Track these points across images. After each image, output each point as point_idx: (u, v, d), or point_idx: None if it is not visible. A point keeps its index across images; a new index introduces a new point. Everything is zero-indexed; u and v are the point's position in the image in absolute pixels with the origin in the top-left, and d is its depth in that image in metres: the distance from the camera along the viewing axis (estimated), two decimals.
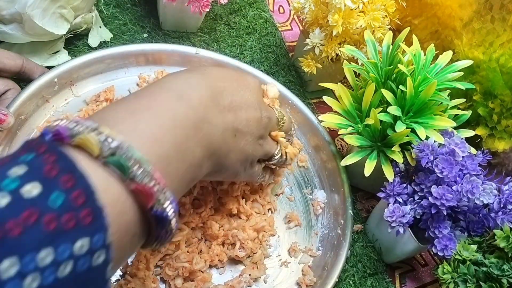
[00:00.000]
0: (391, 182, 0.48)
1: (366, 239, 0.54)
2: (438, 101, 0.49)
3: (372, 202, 0.58)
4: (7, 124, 0.44)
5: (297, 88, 0.64)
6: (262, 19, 0.69)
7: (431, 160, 0.45)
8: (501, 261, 0.40)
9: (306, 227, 0.54)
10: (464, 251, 0.42)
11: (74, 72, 0.53)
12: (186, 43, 0.62)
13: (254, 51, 0.65)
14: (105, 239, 0.24)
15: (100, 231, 0.23)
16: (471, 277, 0.41)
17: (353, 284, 0.51)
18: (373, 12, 0.54)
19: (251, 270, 0.47)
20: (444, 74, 0.50)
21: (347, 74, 0.53)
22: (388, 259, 0.53)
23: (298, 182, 0.57)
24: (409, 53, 0.50)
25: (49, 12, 0.50)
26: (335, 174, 0.56)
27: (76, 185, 0.23)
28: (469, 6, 0.53)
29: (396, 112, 0.47)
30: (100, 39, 0.59)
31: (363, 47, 0.56)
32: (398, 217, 0.46)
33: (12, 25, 0.49)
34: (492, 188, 0.43)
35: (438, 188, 0.44)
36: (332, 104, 0.52)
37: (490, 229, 0.45)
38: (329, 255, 0.51)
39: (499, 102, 0.53)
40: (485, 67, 0.52)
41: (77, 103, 0.54)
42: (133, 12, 0.63)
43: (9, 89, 0.48)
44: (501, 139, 0.54)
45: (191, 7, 0.56)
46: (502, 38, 0.50)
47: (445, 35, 0.57)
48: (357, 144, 0.50)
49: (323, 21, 0.57)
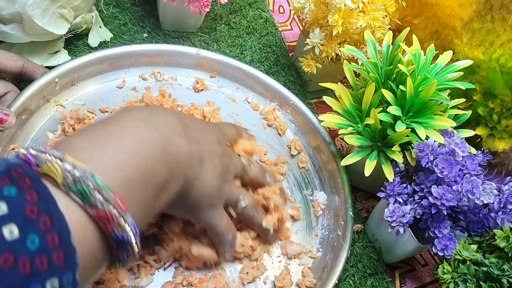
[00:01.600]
0: (391, 182, 0.48)
1: (366, 239, 0.54)
2: (438, 101, 0.49)
3: (372, 202, 0.58)
4: (9, 124, 0.44)
5: (297, 88, 0.64)
6: (262, 19, 0.69)
7: (431, 160, 0.45)
8: (501, 261, 0.40)
9: (306, 229, 0.54)
10: (464, 251, 0.42)
11: (75, 72, 0.54)
12: (186, 43, 0.62)
13: (254, 51, 0.65)
14: (74, 277, 0.25)
15: (70, 269, 0.25)
16: (471, 277, 0.41)
17: (353, 284, 0.51)
18: (373, 12, 0.54)
19: (251, 269, 0.47)
20: (444, 74, 0.50)
21: (347, 74, 0.53)
22: (388, 259, 0.53)
23: (298, 183, 0.57)
24: (409, 53, 0.50)
25: (49, 12, 0.50)
26: (335, 175, 0.55)
27: (53, 227, 0.24)
28: (469, 6, 0.53)
29: (396, 112, 0.47)
30: (100, 39, 0.59)
31: (363, 47, 0.56)
32: (398, 217, 0.46)
33: (12, 25, 0.50)
34: (492, 188, 0.43)
35: (438, 188, 0.44)
36: (332, 104, 0.52)
37: (490, 229, 0.45)
38: (329, 256, 0.50)
39: (499, 102, 0.53)
40: (485, 67, 0.52)
41: (78, 103, 0.54)
42: (133, 12, 0.63)
43: (8, 91, 0.48)
44: (501, 139, 0.54)
45: (191, 7, 0.56)
46: (502, 38, 0.50)
47: (445, 35, 0.57)
48: (357, 144, 0.50)
49: (323, 21, 0.57)
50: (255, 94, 0.61)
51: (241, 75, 0.61)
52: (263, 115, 0.60)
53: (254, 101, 0.61)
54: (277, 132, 0.60)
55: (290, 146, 0.59)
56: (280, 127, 0.59)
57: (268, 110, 0.60)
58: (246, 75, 0.61)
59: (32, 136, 0.50)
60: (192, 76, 0.60)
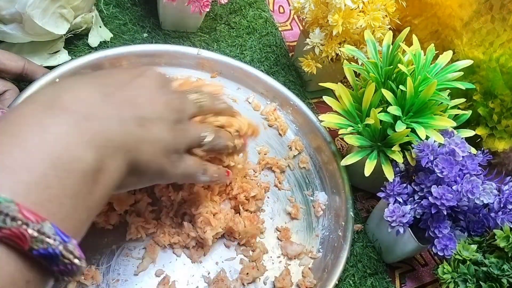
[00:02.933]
0: (391, 182, 0.48)
1: (366, 239, 0.54)
2: (438, 101, 0.49)
3: (372, 202, 0.58)
4: None
5: (297, 88, 0.64)
6: (262, 19, 0.69)
7: (431, 160, 0.45)
8: (501, 261, 0.40)
9: (307, 229, 0.54)
10: (464, 251, 0.42)
11: (76, 72, 0.53)
12: (186, 43, 0.62)
13: (254, 51, 0.65)
14: None
15: None
16: (471, 277, 0.41)
17: (353, 284, 0.51)
18: (373, 12, 0.54)
19: (251, 270, 0.47)
20: (444, 74, 0.50)
21: (347, 74, 0.53)
22: (388, 259, 0.53)
23: (299, 183, 0.57)
24: (409, 53, 0.50)
25: (49, 12, 0.50)
26: (336, 176, 0.55)
27: None
28: (469, 6, 0.53)
29: (396, 112, 0.47)
30: (100, 39, 0.59)
31: (363, 47, 0.56)
32: (398, 217, 0.46)
33: (12, 25, 0.49)
34: (492, 188, 0.43)
35: (438, 188, 0.44)
36: (332, 104, 0.52)
37: (490, 229, 0.45)
38: (330, 257, 0.50)
39: (499, 102, 0.53)
40: (485, 67, 0.52)
41: None
42: (133, 12, 0.63)
43: (7, 90, 0.48)
44: (501, 139, 0.54)
45: (191, 7, 0.56)
46: (502, 38, 0.50)
47: (445, 35, 0.57)
48: (357, 144, 0.50)
49: (323, 21, 0.57)
50: (256, 94, 0.61)
51: (242, 75, 0.61)
52: (264, 115, 0.60)
53: (255, 101, 0.61)
54: (278, 132, 0.60)
55: (290, 146, 0.59)
56: (281, 127, 0.59)
57: (269, 111, 0.60)
58: (247, 76, 0.61)
59: None
60: (192, 77, 0.60)
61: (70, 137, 0.28)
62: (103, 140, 0.30)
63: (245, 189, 0.50)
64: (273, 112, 0.60)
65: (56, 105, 0.29)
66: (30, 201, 0.25)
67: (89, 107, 0.30)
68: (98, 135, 0.30)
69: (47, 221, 0.25)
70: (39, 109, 0.29)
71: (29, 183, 0.25)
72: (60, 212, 0.26)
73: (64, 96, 0.30)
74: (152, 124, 0.34)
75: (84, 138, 0.29)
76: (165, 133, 0.35)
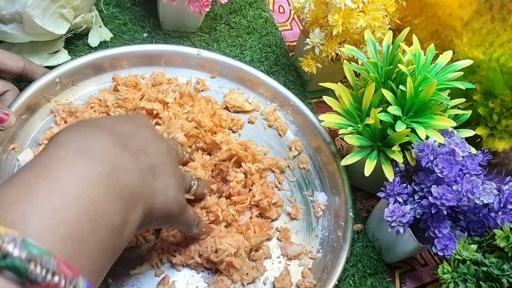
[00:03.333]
0: (391, 182, 0.48)
1: (366, 239, 0.54)
2: (438, 101, 0.49)
3: (372, 202, 0.58)
4: (9, 123, 0.44)
5: (297, 88, 0.64)
6: (262, 19, 0.69)
7: (431, 160, 0.45)
8: (501, 261, 0.40)
9: (307, 229, 0.53)
10: (464, 251, 0.42)
11: (76, 72, 0.54)
12: (186, 43, 0.63)
13: (254, 51, 0.65)
14: None
15: None
16: (471, 277, 0.41)
17: (353, 284, 0.51)
18: (373, 12, 0.54)
19: (250, 270, 0.47)
20: (444, 74, 0.50)
21: (347, 74, 0.53)
22: (388, 259, 0.53)
23: (299, 183, 0.57)
24: (409, 53, 0.50)
25: (49, 12, 0.50)
26: (335, 176, 0.55)
27: None
28: (469, 6, 0.53)
29: (396, 112, 0.47)
30: (100, 39, 0.59)
31: (363, 47, 0.56)
32: (398, 217, 0.46)
33: (12, 25, 0.50)
34: (492, 188, 0.43)
35: (438, 188, 0.44)
36: (332, 104, 0.52)
37: (490, 229, 0.45)
38: (329, 257, 0.50)
39: (499, 102, 0.53)
40: (485, 67, 0.52)
41: (78, 103, 0.54)
42: (133, 11, 0.63)
43: (7, 90, 0.48)
44: (501, 139, 0.54)
45: (191, 7, 0.56)
46: (502, 38, 0.50)
47: (445, 35, 0.57)
48: (357, 144, 0.50)
49: (323, 21, 0.57)
50: (256, 94, 0.61)
51: (242, 75, 0.61)
52: (263, 115, 0.60)
53: (255, 101, 0.61)
54: (278, 132, 0.60)
55: (290, 146, 0.59)
56: (281, 127, 0.59)
57: (269, 111, 0.60)
58: (247, 76, 0.61)
59: (32, 136, 0.50)
60: (192, 77, 0.60)
61: (102, 187, 0.28)
62: (128, 192, 0.30)
63: (267, 195, 0.50)
64: (273, 113, 0.60)
65: (87, 154, 0.29)
66: (65, 253, 0.25)
67: (115, 158, 0.30)
68: (124, 188, 0.30)
69: (81, 276, 0.25)
70: (73, 156, 0.29)
71: (65, 235, 0.25)
72: (88, 266, 0.26)
73: (94, 145, 0.30)
74: (161, 173, 0.35)
75: (113, 189, 0.29)
76: (172, 180, 0.36)
